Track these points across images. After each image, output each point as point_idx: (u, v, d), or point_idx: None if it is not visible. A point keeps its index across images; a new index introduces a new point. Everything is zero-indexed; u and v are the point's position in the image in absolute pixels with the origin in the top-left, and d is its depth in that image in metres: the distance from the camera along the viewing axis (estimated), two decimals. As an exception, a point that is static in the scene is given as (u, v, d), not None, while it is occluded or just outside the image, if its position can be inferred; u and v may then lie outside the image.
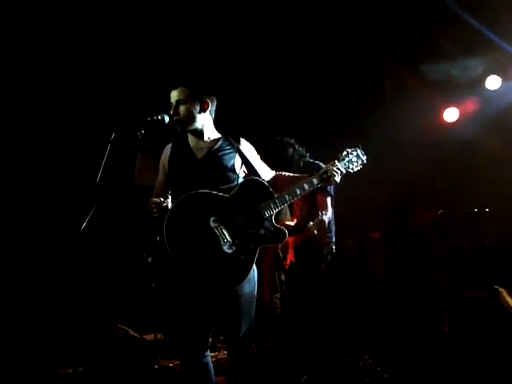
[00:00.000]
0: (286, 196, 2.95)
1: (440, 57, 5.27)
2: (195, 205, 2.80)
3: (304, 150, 4.43)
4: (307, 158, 4.41)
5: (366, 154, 3.17)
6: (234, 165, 2.98)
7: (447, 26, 5.07)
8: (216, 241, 2.77)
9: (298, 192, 2.97)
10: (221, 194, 2.85)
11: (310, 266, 4.29)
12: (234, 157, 2.99)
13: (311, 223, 4.16)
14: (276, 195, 2.93)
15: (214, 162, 2.96)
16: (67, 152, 5.19)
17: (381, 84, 5.88)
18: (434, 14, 5.03)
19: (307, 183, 2.99)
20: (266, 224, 2.88)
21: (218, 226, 2.78)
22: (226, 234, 2.78)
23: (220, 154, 2.99)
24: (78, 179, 4.98)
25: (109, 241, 5.52)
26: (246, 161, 3.00)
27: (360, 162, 3.15)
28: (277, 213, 4.78)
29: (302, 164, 4.34)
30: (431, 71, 5.35)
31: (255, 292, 2.96)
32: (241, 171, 3.02)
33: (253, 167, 3.01)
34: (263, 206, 2.89)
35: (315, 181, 3.01)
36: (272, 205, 2.90)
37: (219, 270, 2.74)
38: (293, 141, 4.42)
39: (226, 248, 2.76)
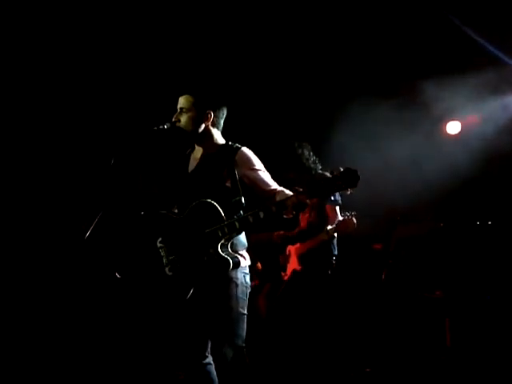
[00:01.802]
0: (236, 223, 2.69)
1: (444, 71, 5.29)
2: (146, 225, 2.88)
3: (317, 160, 4.41)
4: (317, 170, 4.39)
5: (357, 177, 2.48)
6: (221, 178, 2.84)
7: (451, 41, 5.11)
8: (159, 261, 2.80)
9: (251, 220, 2.67)
10: (174, 215, 2.87)
11: (317, 274, 4.27)
12: (223, 170, 2.85)
13: (330, 226, 4.15)
14: (226, 222, 2.69)
15: (201, 175, 2.91)
16: (72, 160, 5.18)
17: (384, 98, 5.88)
18: (438, 29, 5.07)
19: (262, 210, 2.65)
20: (210, 251, 2.69)
21: (163, 247, 2.80)
22: (169, 256, 2.78)
23: (208, 166, 2.92)
24: (82, 187, 4.97)
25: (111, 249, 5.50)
26: (232, 175, 2.83)
27: (346, 187, 2.51)
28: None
29: (313, 173, 4.31)
30: (434, 85, 5.38)
31: (242, 309, 2.81)
32: (234, 184, 2.85)
33: (236, 183, 2.82)
34: (209, 232, 2.71)
35: (268, 211, 2.64)
36: (219, 231, 2.68)
37: (160, 291, 2.79)
38: (309, 147, 4.42)
39: (167, 270, 2.77)
